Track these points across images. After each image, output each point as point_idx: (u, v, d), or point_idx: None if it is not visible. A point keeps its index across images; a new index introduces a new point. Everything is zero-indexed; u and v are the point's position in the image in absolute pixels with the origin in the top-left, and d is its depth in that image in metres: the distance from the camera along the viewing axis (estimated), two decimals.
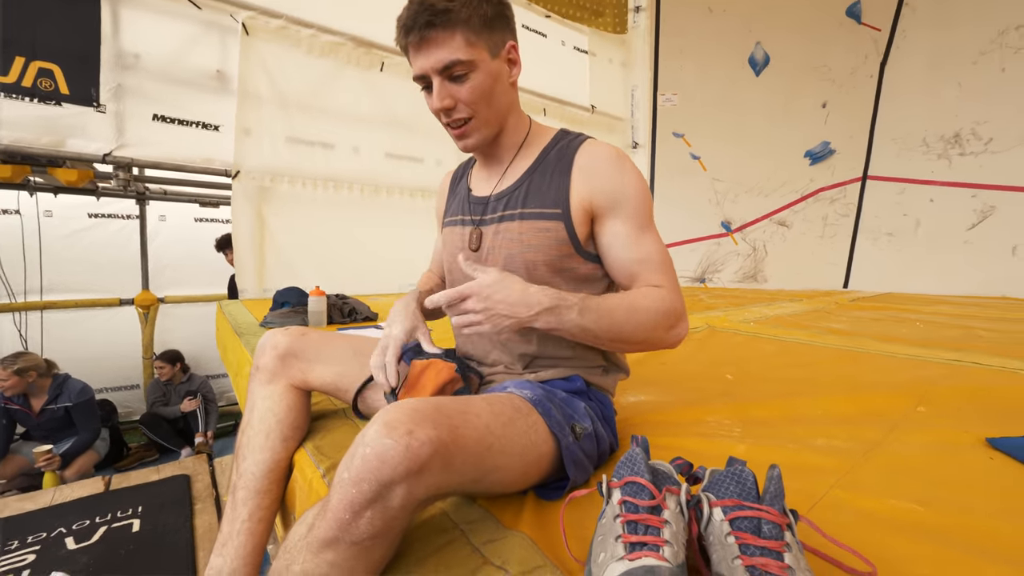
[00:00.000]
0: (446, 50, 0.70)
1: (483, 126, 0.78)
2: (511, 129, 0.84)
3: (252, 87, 2.88)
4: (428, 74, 0.73)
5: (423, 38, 0.70)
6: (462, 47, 0.71)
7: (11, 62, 2.20)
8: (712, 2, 4.59)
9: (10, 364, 2.48)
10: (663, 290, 0.74)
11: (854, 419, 1.01)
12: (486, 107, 0.76)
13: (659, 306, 0.72)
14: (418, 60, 0.73)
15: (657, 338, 0.74)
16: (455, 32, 0.70)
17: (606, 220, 0.77)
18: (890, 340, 1.88)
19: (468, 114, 0.76)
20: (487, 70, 0.74)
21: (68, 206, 3.27)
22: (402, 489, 0.48)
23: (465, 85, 0.73)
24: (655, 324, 0.72)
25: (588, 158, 0.78)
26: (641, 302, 0.73)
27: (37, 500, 1.63)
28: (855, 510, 0.63)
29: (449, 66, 0.71)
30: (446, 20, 0.69)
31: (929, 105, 4.13)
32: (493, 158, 0.87)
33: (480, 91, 0.74)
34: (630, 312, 0.72)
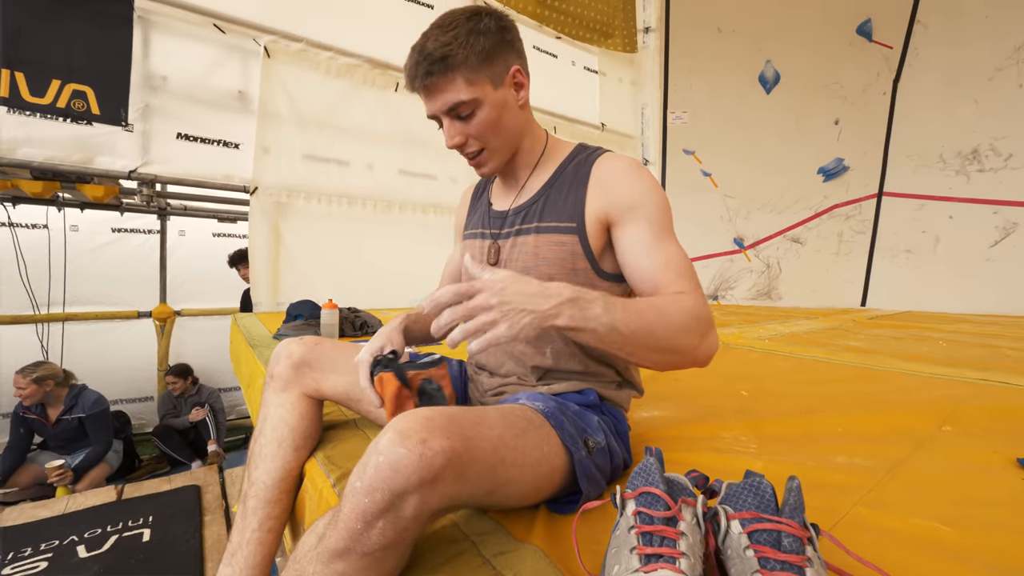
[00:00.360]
0: (448, 94, 0.74)
1: (495, 154, 0.81)
2: (526, 149, 0.85)
3: (272, 107, 2.97)
4: (437, 115, 0.77)
5: (425, 86, 0.74)
6: (463, 88, 0.73)
7: (48, 84, 2.30)
8: (721, 22, 4.65)
9: (29, 373, 2.54)
10: (688, 295, 0.68)
11: (876, 437, 0.98)
12: (495, 137, 0.79)
13: (691, 311, 0.65)
14: (427, 104, 0.77)
15: (691, 346, 0.66)
16: (455, 76, 0.72)
17: (624, 226, 0.75)
18: (912, 358, 1.83)
19: (479, 147, 0.79)
20: (492, 102, 0.76)
21: (93, 221, 3.38)
22: (415, 499, 0.47)
23: (472, 122, 0.76)
24: (688, 328, 0.65)
25: (604, 170, 0.79)
26: (670, 305, 0.66)
27: (51, 508, 1.65)
28: (879, 529, 0.61)
29: (454, 107, 0.74)
30: (444, 67, 0.72)
31: (945, 121, 4.10)
32: (511, 175, 0.89)
33: (487, 124, 0.76)
34: (660, 313, 0.64)
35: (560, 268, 0.78)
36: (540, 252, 0.79)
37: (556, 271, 0.78)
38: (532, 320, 0.57)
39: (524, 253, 0.81)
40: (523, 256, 0.81)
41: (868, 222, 4.48)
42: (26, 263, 3.05)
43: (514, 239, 0.83)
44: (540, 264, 0.79)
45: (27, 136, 2.31)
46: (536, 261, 0.79)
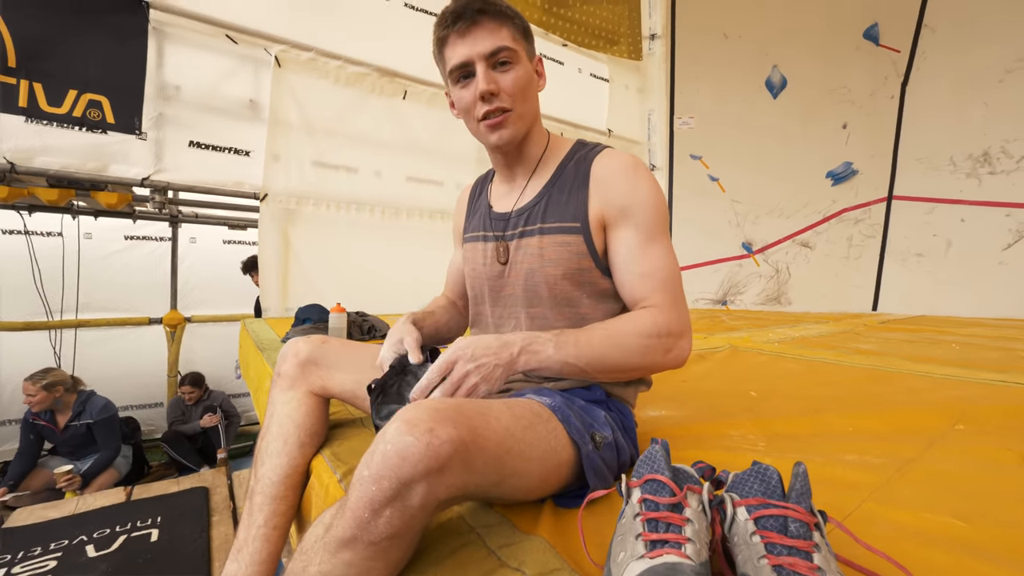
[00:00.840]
0: (496, 37, 0.75)
1: (519, 120, 0.80)
2: (534, 139, 0.86)
3: (282, 115, 3.02)
4: (473, 60, 0.75)
5: (474, 23, 0.74)
6: (509, 38, 0.76)
7: (64, 94, 2.36)
8: (727, 28, 4.66)
9: (39, 379, 2.57)
10: (655, 311, 0.73)
11: (887, 436, 0.96)
12: (523, 101, 0.79)
13: (648, 330, 0.71)
14: (463, 46, 0.75)
15: (653, 363, 0.73)
16: (503, 24, 0.76)
17: (615, 229, 0.77)
18: (924, 361, 1.80)
19: (508, 104, 0.77)
20: (526, 67, 0.78)
21: (107, 228, 3.44)
22: (422, 488, 0.48)
23: (508, 74, 0.76)
24: (645, 349, 0.71)
25: (603, 169, 0.79)
26: (626, 327, 0.72)
27: (61, 508, 1.66)
28: (890, 523, 0.60)
29: (496, 52, 0.75)
30: (497, 12, 0.75)
31: (954, 124, 4.06)
32: (513, 171, 0.88)
33: (521, 83, 0.77)
34: (612, 340, 0.71)
35: (566, 268, 0.78)
36: (545, 253, 0.79)
37: (562, 271, 0.78)
38: (502, 372, 0.68)
39: (529, 255, 0.81)
40: (528, 258, 0.81)
41: (878, 226, 4.44)
42: (41, 270, 3.11)
43: (518, 241, 0.83)
44: (546, 265, 0.79)
45: (44, 145, 2.37)
46: (542, 263, 0.80)
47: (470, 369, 0.66)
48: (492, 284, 0.88)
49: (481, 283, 0.90)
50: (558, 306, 0.81)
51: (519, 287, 0.83)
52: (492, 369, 0.67)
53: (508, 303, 0.86)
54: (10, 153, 2.29)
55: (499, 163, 0.89)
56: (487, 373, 0.67)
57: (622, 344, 0.71)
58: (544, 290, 0.80)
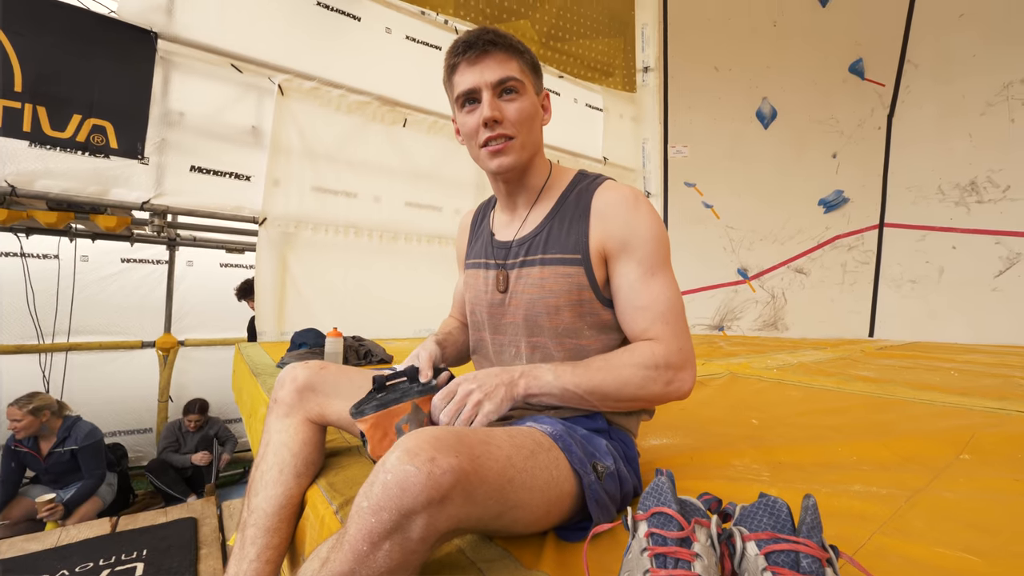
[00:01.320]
0: (504, 68, 0.77)
1: (520, 148, 0.81)
2: (536, 169, 0.87)
3: (283, 141, 3.06)
4: (480, 87, 0.77)
5: (484, 52, 0.77)
6: (517, 70, 0.78)
7: (68, 119, 2.39)
8: (718, 62, 4.82)
9: (25, 404, 2.51)
10: (656, 344, 0.74)
11: (893, 466, 0.95)
12: (527, 132, 0.80)
13: (646, 361, 0.72)
14: (471, 74, 0.77)
15: (652, 394, 0.74)
16: (512, 57, 0.78)
17: (617, 263, 0.78)
18: (924, 388, 1.80)
19: (512, 132, 0.79)
20: (531, 99, 0.80)
21: (103, 251, 3.43)
22: (423, 520, 0.46)
23: (514, 104, 0.78)
24: (644, 380, 0.72)
25: (604, 202, 0.80)
26: (623, 359, 0.73)
27: (43, 541, 1.59)
28: (902, 557, 0.58)
29: (504, 81, 0.77)
30: (508, 45, 0.78)
31: (941, 154, 4.18)
32: (514, 201, 0.89)
33: (525, 113, 0.79)
34: (610, 370, 0.72)
35: (567, 299, 0.78)
36: (546, 284, 0.80)
37: (563, 302, 0.79)
38: (505, 392, 0.70)
39: (530, 284, 0.81)
40: (529, 287, 0.81)
41: (871, 252, 4.50)
42: (35, 293, 3.08)
43: (519, 270, 0.83)
44: (547, 296, 0.79)
45: (46, 168, 2.38)
46: (542, 293, 0.80)
47: (474, 388, 0.69)
48: (493, 312, 0.88)
49: (482, 310, 0.90)
50: (559, 336, 0.81)
51: (520, 316, 0.83)
52: (495, 388, 0.69)
53: (508, 331, 0.86)
54: (12, 177, 2.30)
55: (501, 192, 0.90)
56: (490, 391, 0.68)
57: (620, 375, 0.72)
58: (545, 320, 0.80)
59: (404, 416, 0.70)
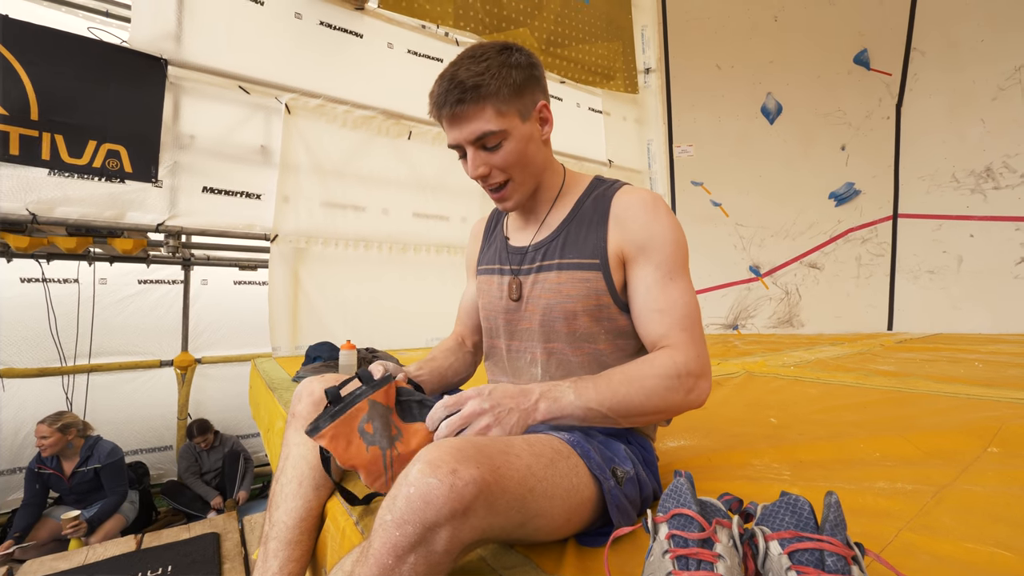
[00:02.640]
0: (477, 123, 0.73)
1: (520, 187, 0.80)
2: (547, 184, 0.86)
3: (292, 159, 3.12)
4: (462, 145, 0.77)
5: (454, 114, 0.74)
6: (493, 118, 0.73)
7: (85, 146, 2.46)
8: (720, 59, 4.81)
9: (54, 421, 2.57)
10: (675, 351, 0.71)
11: (917, 461, 0.93)
12: (521, 171, 0.79)
13: (668, 371, 0.70)
14: (452, 132, 0.76)
15: (674, 404, 0.71)
16: (485, 106, 0.73)
17: (634, 267, 0.77)
18: (948, 380, 1.76)
19: (503, 179, 0.78)
20: (519, 135, 0.76)
21: (121, 273, 3.50)
22: (446, 532, 0.46)
23: (499, 153, 0.76)
24: (666, 389, 0.69)
25: (622, 206, 0.79)
26: (645, 370, 0.70)
27: (71, 559, 1.63)
28: (931, 554, 0.57)
29: (481, 137, 0.74)
30: (476, 96, 0.72)
31: (953, 142, 4.11)
32: (530, 209, 0.89)
33: (513, 157, 0.76)
34: (633, 383, 0.69)
35: (584, 304, 0.78)
36: (563, 289, 0.79)
37: (580, 307, 0.78)
38: (518, 419, 0.65)
39: (547, 289, 0.81)
40: (546, 293, 0.81)
41: (886, 244, 4.43)
42: (57, 316, 3.16)
43: (535, 275, 0.83)
44: (564, 301, 0.79)
45: (64, 195, 2.45)
46: (560, 298, 0.79)
47: (485, 408, 0.64)
48: (508, 318, 0.87)
49: (496, 316, 0.89)
50: (576, 341, 0.80)
51: (536, 321, 0.82)
52: (508, 414, 0.65)
53: (524, 337, 0.86)
54: (32, 205, 2.37)
55: None
56: (502, 417, 0.64)
57: (644, 387, 0.69)
58: (562, 325, 0.80)
59: (363, 416, 0.68)
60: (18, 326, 3.17)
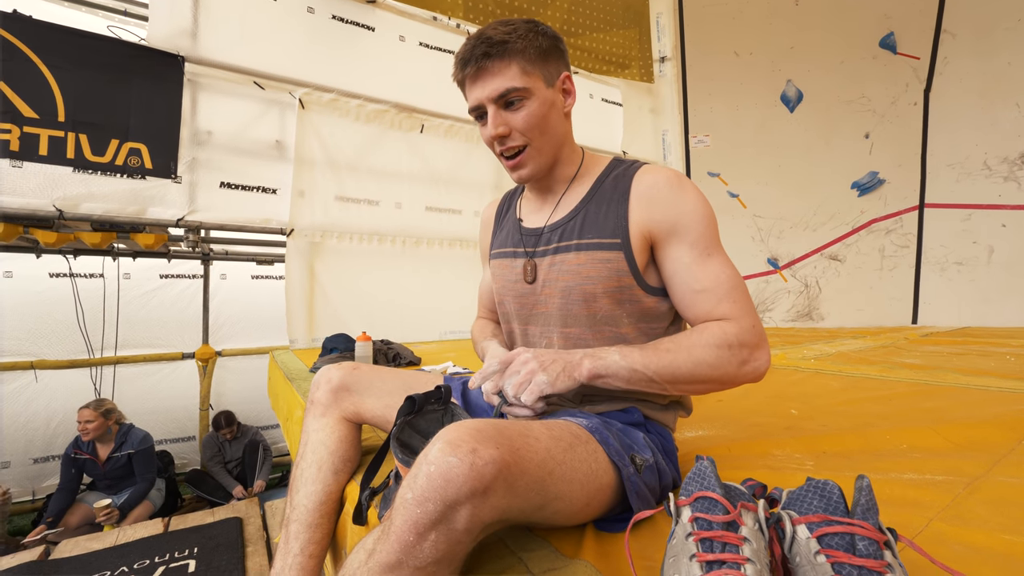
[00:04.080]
0: (502, 78, 0.73)
1: (537, 155, 0.78)
2: (565, 160, 0.83)
3: (306, 153, 3.14)
4: (483, 104, 0.75)
5: (480, 68, 0.73)
6: (517, 76, 0.73)
7: (107, 144, 2.51)
8: (737, 46, 4.70)
9: (97, 407, 2.69)
10: (727, 323, 0.69)
11: (947, 453, 0.90)
12: (540, 135, 0.77)
13: (718, 340, 0.67)
14: (474, 91, 0.76)
15: (726, 375, 0.68)
16: (511, 62, 0.73)
17: (667, 247, 0.74)
18: (979, 374, 1.70)
19: (522, 142, 0.76)
20: (542, 98, 0.75)
21: (143, 268, 3.59)
22: (467, 510, 0.46)
23: (520, 113, 0.74)
24: (716, 359, 0.67)
25: (646, 185, 0.76)
26: (694, 339, 0.68)
27: (103, 540, 1.70)
28: (964, 544, 0.55)
29: (504, 94, 0.73)
30: (503, 51, 0.72)
31: (985, 128, 3.95)
32: (546, 188, 0.86)
33: (535, 119, 0.75)
34: (681, 351, 0.67)
35: (605, 286, 0.75)
36: (583, 270, 0.76)
37: (601, 289, 0.75)
38: (564, 368, 0.67)
39: (565, 271, 0.78)
40: (564, 274, 0.78)
41: (911, 235, 4.29)
42: (84, 310, 3.25)
43: (552, 257, 0.80)
44: (584, 283, 0.76)
45: (88, 192, 2.51)
46: (579, 279, 0.76)
47: (530, 358, 0.68)
48: (523, 302, 0.85)
49: (511, 300, 0.87)
50: (596, 325, 0.77)
51: (554, 305, 0.80)
52: (552, 363, 0.67)
53: (541, 321, 0.83)
54: (59, 201, 2.44)
55: (530, 185, 0.88)
56: (547, 365, 0.67)
57: (692, 355, 0.67)
58: (582, 308, 0.77)
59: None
60: (48, 319, 3.27)
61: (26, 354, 3.20)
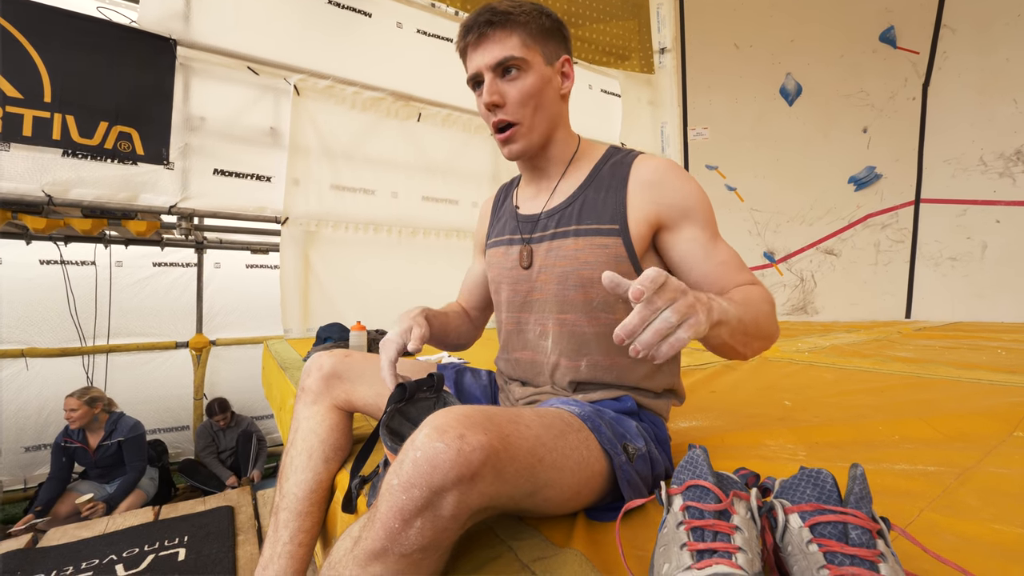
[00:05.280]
0: (501, 47, 0.74)
1: (529, 132, 0.78)
2: (560, 142, 0.83)
3: (301, 141, 3.10)
4: (481, 71, 0.76)
5: (482, 35, 0.74)
6: (517, 46, 0.74)
7: (96, 127, 2.47)
8: (738, 39, 4.66)
9: (82, 395, 2.66)
10: (756, 286, 0.72)
11: (939, 443, 0.90)
12: (532, 112, 0.77)
13: (767, 298, 0.71)
14: (474, 58, 0.76)
15: (776, 328, 0.71)
16: (512, 32, 0.74)
17: (679, 230, 0.75)
18: (971, 367, 1.71)
19: (514, 118, 0.76)
20: (539, 73, 0.76)
21: (136, 256, 3.55)
22: (453, 496, 0.46)
23: (516, 84, 0.75)
24: (769, 316, 0.69)
25: (646, 172, 0.77)
26: (754, 296, 0.69)
27: (92, 528, 1.69)
28: (955, 534, 0.55)
29: (503, 61, 0.74)
30: (506, 20, 0.74)
31: (982, 123, 3.95)
32: (541, 173, 0.86)
33: (529, 92, 0.75)
34: (752, 304, 0.66)
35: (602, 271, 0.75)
36: (581, 255, 0.76)
37: (599, 274, 0.75)
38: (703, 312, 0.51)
39: (563, 256, 0.78)
40: (561, 260, 0.78)
41: (907, 231, 4.30)
42: (75, 298, 3.22)
43: (549, 243, 0.80)
44: (582, 268, 0.76)
45: (79, 177, 2.47)
46: (577, 265, 0.77)
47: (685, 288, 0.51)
48: (519, 288, 0.85)
49: (507, 287, 0.87)
50: (592, 311, 0.77)
51: (549, 291, 0.80)
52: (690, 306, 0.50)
53: (536, 308, 0.83)
54: (48, 186, 2.40)
55: (524, 167, 0.88)
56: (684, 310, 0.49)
57: (761, 309, 0.67)
58: (577, 294, 0.77)
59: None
60: (39, 307, 3.24)
61: (17, 342, 3.17)
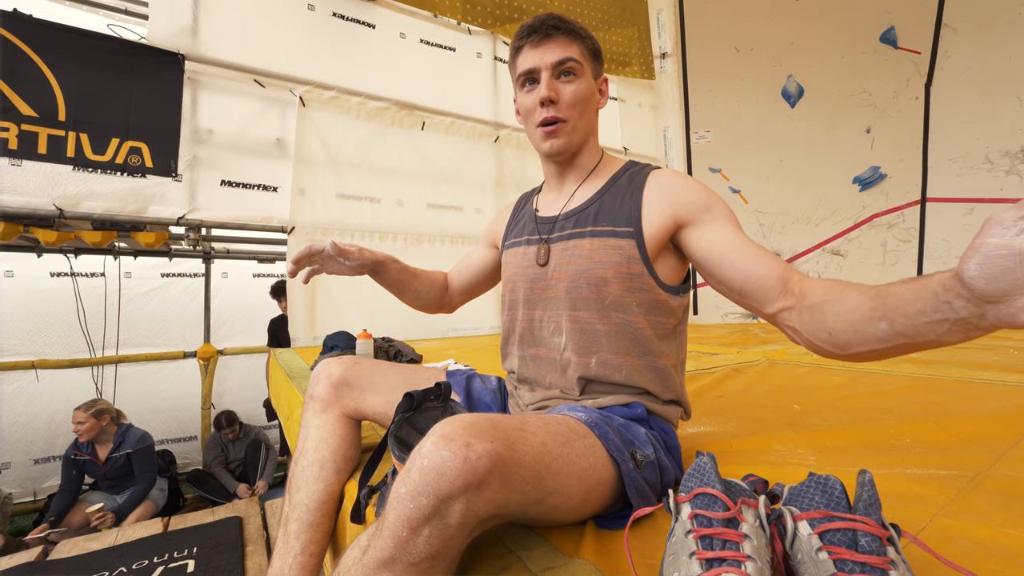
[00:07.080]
0: (565, 50, 0.80)
1: (573, 131, 0.83)
2: (589, 151, 0.88)
3: (307, 151, 3.14)
4: (539, 68, 0.80)
5: (547, 36, 0.80)
6: (577, 53, 0.81)
7: (108, 143, 2.51)
8: (738, 42, 4.67)
9: (89, 407, 2.67)
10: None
11: (951, 447, 0.89)
12: (579, 115, 0.82)
13: None
14: (533, 55, 0.81)
15: None
16: (575, 41, 0.82)
17: (702, 224, 0.76)
18: (982, 367, 1.69)
19: (565, 116, 0.81)
20: (588, 83, 0.82)
21: (144, 267, 3.59)
22: (460, 505, 0.46)
23: (570, 85, 0.80)
24: None
25: (664, 179, 0.81)
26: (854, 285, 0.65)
27: (102, 540, 1.70)
28: (969, 539, 0.54)
29: (564, 61, 0.80)
30: (570, 30, 0.81)
31: (987, 121, 3.93)
32: (564, 177, 0.90)
33: (580, 97, 0.81)
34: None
35: (615, 271, 0.78)
36: (595, 255, 0.79)
37: (611, 274, 0.78)
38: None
39: (577, 256, 0.81)
40: (576, 259, 0.81)
41: (913, 230, 4.27)
42: (85, 309, 3.25)
43: (566, 242, 0.83)
44: (595, 267, 0.79)
45: (89, 191, 2.51)
46: (590, 264, 0.79)
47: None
48: (534, 286, 0.87)
49: (522, 285, 0.89)
50: (604, 310, 0.78)
51: (562, 289, 0.82)
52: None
53: (549, 306, 0.84)
54: (59, 200, 2.44)
55: (551, 171, 0.92)
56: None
57: None
58: (591, 291, 0.79)
59: None
60: (49, 318, 3.28)
61: (27, 353, 3.21)
